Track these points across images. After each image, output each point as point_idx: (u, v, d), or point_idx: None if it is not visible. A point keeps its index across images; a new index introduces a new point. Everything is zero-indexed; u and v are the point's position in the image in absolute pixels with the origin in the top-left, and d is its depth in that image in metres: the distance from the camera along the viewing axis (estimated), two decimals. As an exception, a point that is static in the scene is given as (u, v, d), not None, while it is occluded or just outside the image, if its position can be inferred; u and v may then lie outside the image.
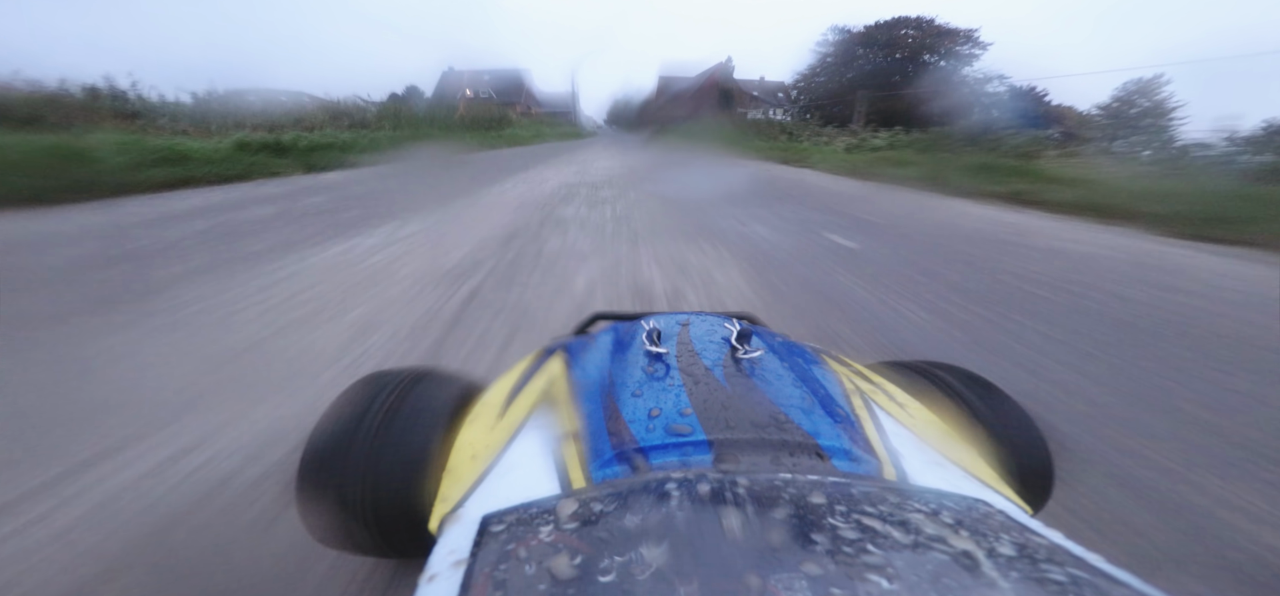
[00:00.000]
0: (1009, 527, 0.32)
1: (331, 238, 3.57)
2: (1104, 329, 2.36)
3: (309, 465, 0.62)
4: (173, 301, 2.31)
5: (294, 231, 3.76)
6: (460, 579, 0.29)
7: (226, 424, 1.39)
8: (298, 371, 1.71)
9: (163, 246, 3.28)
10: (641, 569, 0.27)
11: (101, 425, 1.36)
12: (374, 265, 2.96)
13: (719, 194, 6.44)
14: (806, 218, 5.15)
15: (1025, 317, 2.46)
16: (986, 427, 0.63)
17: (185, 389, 1.56)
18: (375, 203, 5.01)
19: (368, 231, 3.78)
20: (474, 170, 9.07)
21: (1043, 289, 2.96)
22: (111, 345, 1.86)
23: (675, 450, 0.42)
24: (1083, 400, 1.70)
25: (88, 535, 1.03)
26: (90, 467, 1.21)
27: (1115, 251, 4.17)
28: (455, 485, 0.46)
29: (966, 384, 0.72)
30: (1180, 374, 1.92)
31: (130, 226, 3.83)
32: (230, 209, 4.67)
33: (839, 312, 2.48)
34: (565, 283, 2.77)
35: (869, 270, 3.21)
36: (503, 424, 0.54)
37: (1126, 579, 0.28)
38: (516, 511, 0.35)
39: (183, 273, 2.72)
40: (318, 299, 2.39)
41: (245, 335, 1.97)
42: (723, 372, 0.54)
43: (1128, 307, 2.70)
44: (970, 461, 0.50)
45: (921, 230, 4.77)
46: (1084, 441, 1.45)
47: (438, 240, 3.62)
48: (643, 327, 0.64)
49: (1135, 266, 3.67)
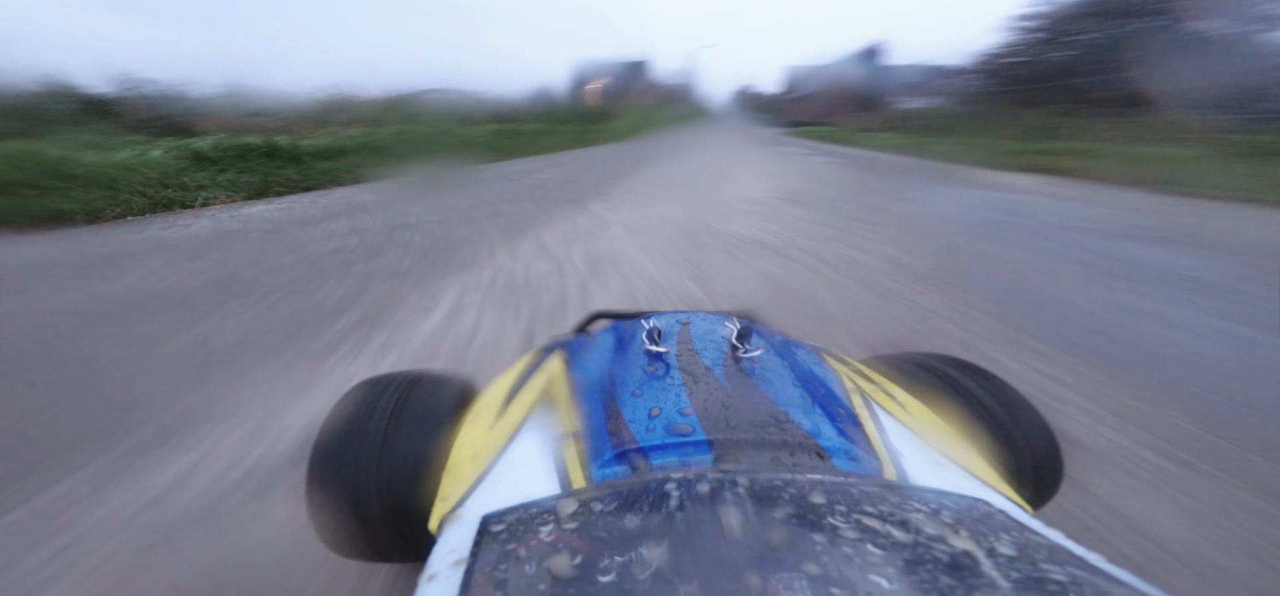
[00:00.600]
0: (1009, 527, 0.32)
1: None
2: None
3: (317, 473, 0.61)
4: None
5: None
6: (460, 578, 0.29)
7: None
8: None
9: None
10: (642, 569, 0.27)
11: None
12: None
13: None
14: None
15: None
16: (988, 420, 0.64)
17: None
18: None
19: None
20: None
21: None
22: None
23: (675, 450, 0.42)
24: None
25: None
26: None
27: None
28: (455, 484, 0.46)
29: (967, 375, 0.71)
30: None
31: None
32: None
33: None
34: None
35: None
36: (502, 423, 0.54)
37: (1126, 578, 0.27)
38: (516, 511, 0.35)
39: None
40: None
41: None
42: (723, 372, 0.54)
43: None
44: (970, 460, 0.50)
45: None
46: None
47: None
48: (643, 327, 0.63)
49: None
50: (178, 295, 2.64)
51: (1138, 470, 1.37)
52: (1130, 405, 1.67)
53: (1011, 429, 0.63)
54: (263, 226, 4.36)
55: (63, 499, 1.23)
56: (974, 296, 2.73)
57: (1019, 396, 0.70)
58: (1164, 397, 1.72)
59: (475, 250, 3.51)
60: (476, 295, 2.66)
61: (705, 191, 6.41)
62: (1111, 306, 2.63)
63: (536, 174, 7.96)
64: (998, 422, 0.63)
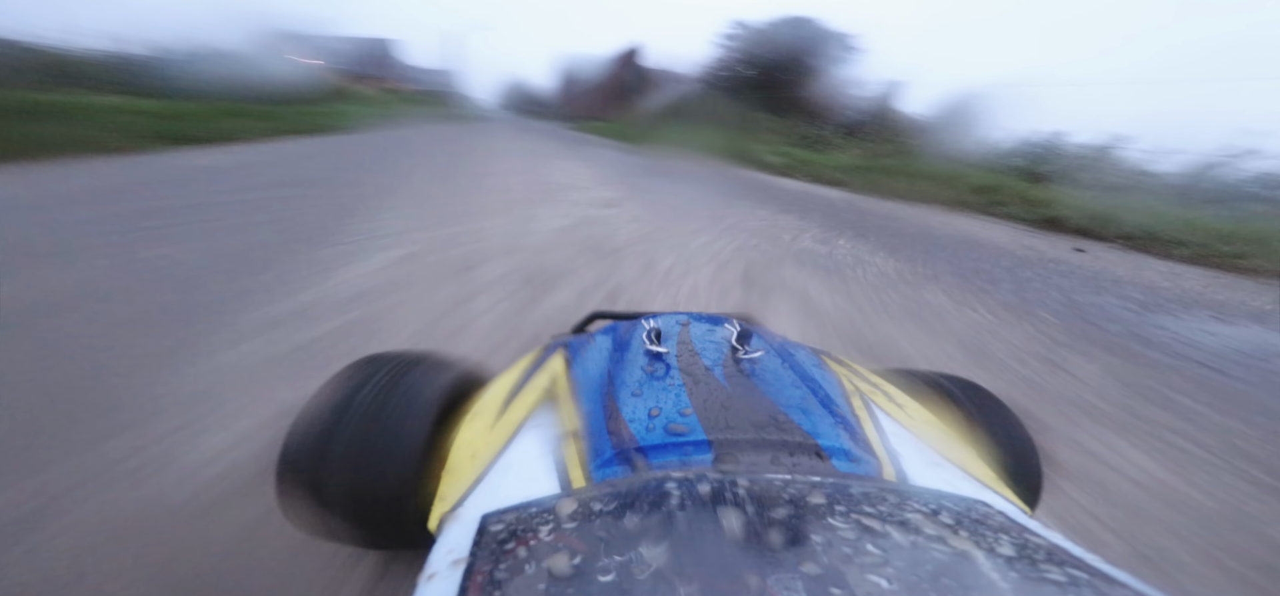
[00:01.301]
0: (1008, 527, 0.32)
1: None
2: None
3: (290, 452, 0.59)
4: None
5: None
6: (460, 578, 0.29)
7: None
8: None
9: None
10: (641, 568, 0.27)
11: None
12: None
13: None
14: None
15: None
16: (978, 430, 0.64)
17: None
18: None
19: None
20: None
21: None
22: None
23: (675, 450, 0.42)
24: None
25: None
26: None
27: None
28: (455, 484, 0.46)
29: (963, 391, 0.73)
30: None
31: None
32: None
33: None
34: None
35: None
36: (502, 422, 0.53)
37: (1125, 579, 0.27)
38: (516, 510, 0.35)
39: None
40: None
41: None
42: (722, 373, 0.53)
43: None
44: (969, 462, 0.50)
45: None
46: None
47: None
48: (642, 327, 0.63)
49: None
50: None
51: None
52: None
53: (995, 439, 0.64)
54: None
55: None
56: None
57: (1009, 413, 0.71)
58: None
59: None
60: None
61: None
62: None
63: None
64: (984, 433, 0.64)
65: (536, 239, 3.22)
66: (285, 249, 2.47)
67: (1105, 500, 1.25)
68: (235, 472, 1.03)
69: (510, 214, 3.84)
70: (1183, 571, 1.07)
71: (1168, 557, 1.10)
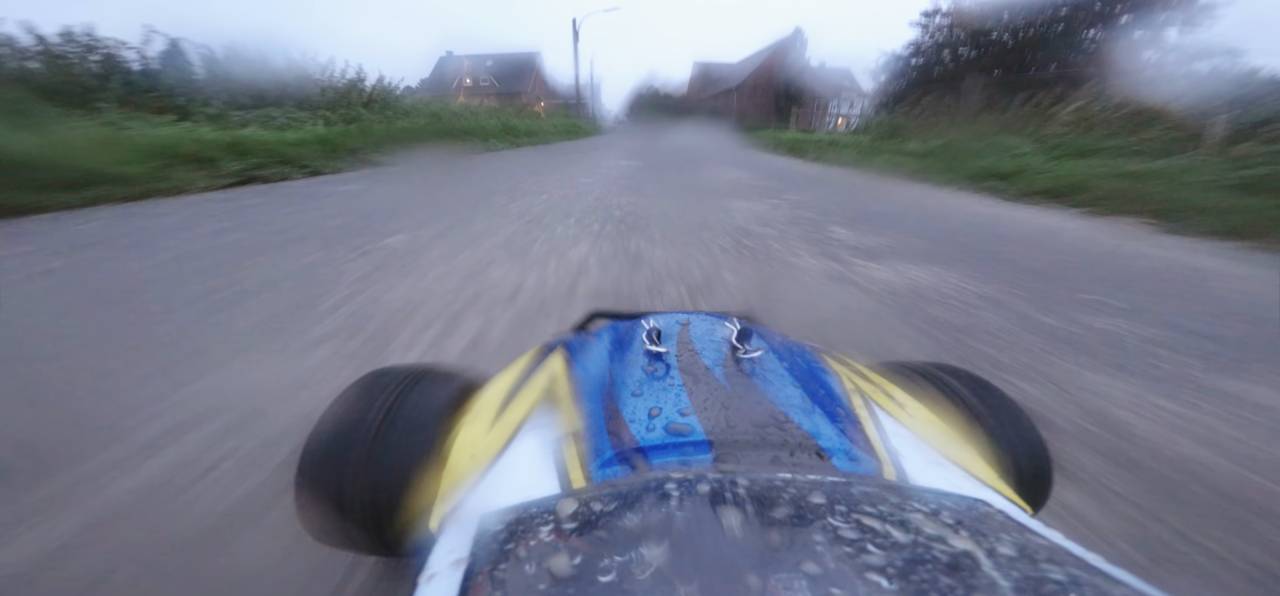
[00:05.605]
0: (1009, 527, 0.31)
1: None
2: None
3: (308, 463, 0.60)
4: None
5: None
6: (460, 578, 0.29)
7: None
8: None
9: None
10: (641, 568, 0.26)
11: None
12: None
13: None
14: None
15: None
16: (985, 428, 0.62)
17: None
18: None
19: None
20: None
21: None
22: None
23: (675, 450, 0.41)
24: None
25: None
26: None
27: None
28: (454, 484, 0.46)
29: (967, 385, 0.71)
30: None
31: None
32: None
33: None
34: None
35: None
36: (502, 422, 0.53)
37: (1126, 579, 0.27)
38: (516, 510, 0.34)
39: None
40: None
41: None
42: (723, 372, 0.53)
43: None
44: (970, 461, 0.49)
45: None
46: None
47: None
48: (642, 326, 0.62)
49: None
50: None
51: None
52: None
53: (1001, 436, 0.62)
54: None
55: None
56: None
57: (1015, 407, 0.69)
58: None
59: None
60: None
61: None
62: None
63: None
64: (989, 430, 0.62)
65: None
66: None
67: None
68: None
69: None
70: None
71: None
